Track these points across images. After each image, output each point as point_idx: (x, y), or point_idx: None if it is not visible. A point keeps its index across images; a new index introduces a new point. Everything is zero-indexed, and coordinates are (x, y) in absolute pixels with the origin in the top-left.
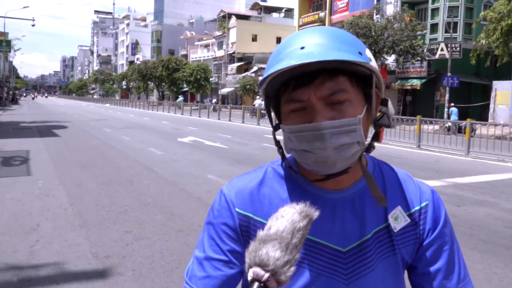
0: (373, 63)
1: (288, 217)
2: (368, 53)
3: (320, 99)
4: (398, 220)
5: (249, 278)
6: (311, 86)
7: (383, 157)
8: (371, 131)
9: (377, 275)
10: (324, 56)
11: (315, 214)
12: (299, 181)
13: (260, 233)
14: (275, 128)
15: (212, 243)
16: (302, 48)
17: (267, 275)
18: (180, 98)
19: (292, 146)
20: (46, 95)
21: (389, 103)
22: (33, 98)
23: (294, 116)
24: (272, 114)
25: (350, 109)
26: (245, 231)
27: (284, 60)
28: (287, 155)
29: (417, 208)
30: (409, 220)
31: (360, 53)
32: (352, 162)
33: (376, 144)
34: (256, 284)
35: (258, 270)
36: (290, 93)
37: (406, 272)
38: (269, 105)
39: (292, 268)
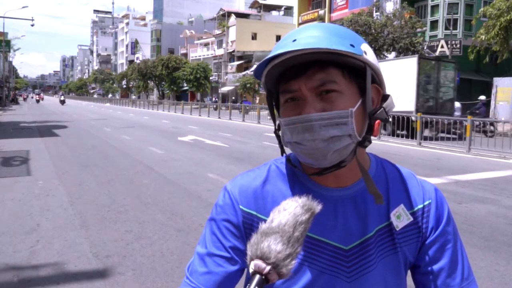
0: (369, 57)
1: (290, 210)
2: (364, 47)
3: (311, 90)
4: (400, 218)
5: (251, 270)
6: (303, 77)
7: (383, 155)
8: None
9: (378, 273)
10: (310, 46)
11: (318, 207)
12: (301, 179)
13: (262, 226)
14: (278, 127)
15: (215, 239)
16: (294, 40)
17: (268, 267)
18: None
19: (287, 138)
20: (62, 97)
21: (390, 98)
22: (37, 101)
23: (288, 108)
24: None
25: (341, 102)
26: (248, 229)
27: (276, 51)
28: (291, 153)
29: (420, 206)
30: (411, 219)
31: (352, 45)
32: (345, 156)
33: (377, 141)
34: (257, 276)
35: (259, 263)
36: (284, 84)
37: (410, 272)
38: (271, 100)
39: (294, 261)
